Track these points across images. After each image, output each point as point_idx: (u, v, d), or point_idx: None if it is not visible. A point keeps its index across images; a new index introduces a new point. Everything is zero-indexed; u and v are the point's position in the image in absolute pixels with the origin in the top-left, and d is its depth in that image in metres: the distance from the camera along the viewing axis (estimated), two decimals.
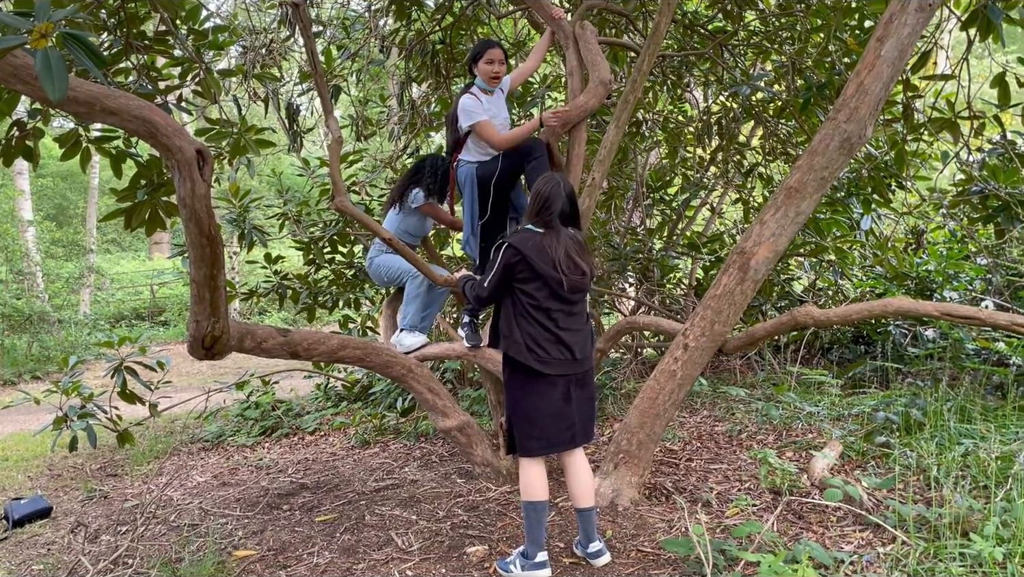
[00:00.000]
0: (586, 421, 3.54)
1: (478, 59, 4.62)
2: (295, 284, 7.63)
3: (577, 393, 3.48)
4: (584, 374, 3.51)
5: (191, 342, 3.60)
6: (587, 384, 3.55)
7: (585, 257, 3.47)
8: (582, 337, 3.47)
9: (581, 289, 3.45)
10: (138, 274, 22.38)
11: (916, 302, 3.57)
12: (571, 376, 3.44)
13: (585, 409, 3.53)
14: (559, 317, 3.41)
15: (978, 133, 5.09)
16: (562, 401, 3.43)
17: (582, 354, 3.45)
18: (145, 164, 4.25)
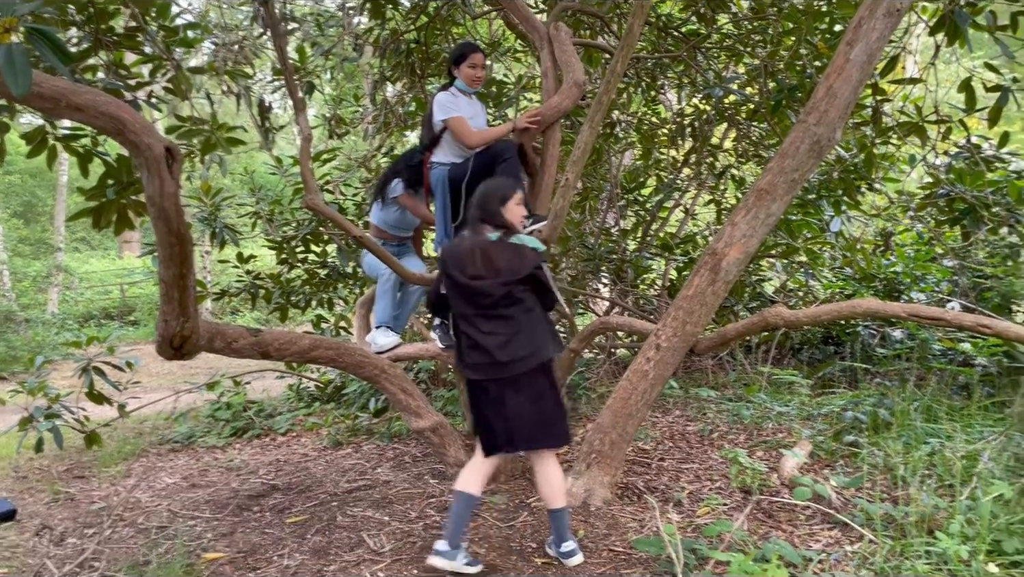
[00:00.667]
0: (528, 425, 3.40)
1: (461, 62, 4.62)
2: (267, 284, 7.56)
3: (512, 397, 3.38)
4: (516, 378, 3.38)
5: (160, 342, 3.56)
6: (522, 388, 3.40)
7: (500, 261, 3.39)
8: (505, 340, 3.36)
9: (487, 293, 3.38)
10: (108, 273, 22.08)
11: (884, 303, 3.62)
12: (501, 380, 3.39)
13: (525, 413, 3.39)
14: (478, 321, 3.42)
15: (945, 137, 5.17)
16: (493, 405, 3.42)
17: (508, 357, 3.35)
18: (114, 163, 4.19)
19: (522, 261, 3.40)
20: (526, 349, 3.36)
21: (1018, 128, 17.97)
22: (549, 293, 3.48)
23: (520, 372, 3.37)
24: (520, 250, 3.43)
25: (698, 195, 8.85)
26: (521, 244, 3.45)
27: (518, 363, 3.36)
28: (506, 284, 3.38)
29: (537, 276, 3.42)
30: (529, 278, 3.41)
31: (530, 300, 3.44)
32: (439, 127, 4.57)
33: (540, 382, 3.42)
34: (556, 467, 3.49)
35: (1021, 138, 16.01)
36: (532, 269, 3.40)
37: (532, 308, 3.43)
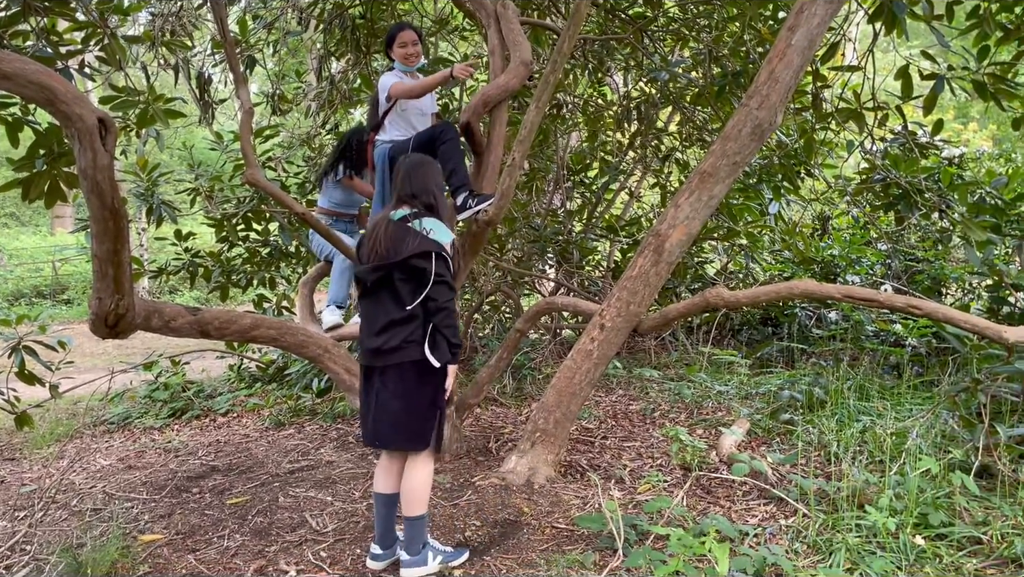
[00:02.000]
0: (387, 423, 3.17)
1: (392, 43, 4.60)
2: (207, 262, 7.40)
3: (380, 389, 3.18)
4: (385, 369, 3.16)
5: (93, 320, 3.46)
6: (388, 382, 3.16)
7: (385, 243, 3.14)
8: (379, 328, 3.15)
9: (371, 276, 3.17)
10: (39, 250, 21.29)
11: (820, 285, 3.72)
12: (374, 368, 3.20)
13: (388, 408, 3.16)
14: (363, 303, 3.27)
15: (882, 123, 5.30)
16: (366, 393, 3.28)
17: (375, 345, 3.14)
18: (44, 132, 4.04)
19: (410, 245, 3.10)
20: (395, 342, 3.11)
21: (951, 116, 18.56)
22: (433, 288, 3.09)
23: (388, 364, 3.14)
24: (415, 235, 3.13)
25: (643, 178, 8.94)
26: (419, 229, 3.14)
27: (386, 354, 3.13)
28: (377, 269, 3.15)
29: (414, 265, 3.10)
30: (408, 266, 3.11)
31: (406, 292, 3.13)
32: (384, 107, 4.54)
33: (409, 381, 3.14)
34: (424, 472, 3.22)
35: (954, 126, 16.54)
36: (412, 257, 3.09)
37: (406, 301, 3.13)
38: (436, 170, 3.38)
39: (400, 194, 3.30)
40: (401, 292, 3.13)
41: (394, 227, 3.18)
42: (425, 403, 3.17)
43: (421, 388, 3.16)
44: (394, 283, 3.13)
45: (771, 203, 6.76)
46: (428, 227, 3.17)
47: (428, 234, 3.13)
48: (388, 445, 3.22)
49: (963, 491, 3.54)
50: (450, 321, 3.13)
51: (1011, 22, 4.98)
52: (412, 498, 3.20)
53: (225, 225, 7.03)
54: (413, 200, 3.26)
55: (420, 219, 3.19)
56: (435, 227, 3.18)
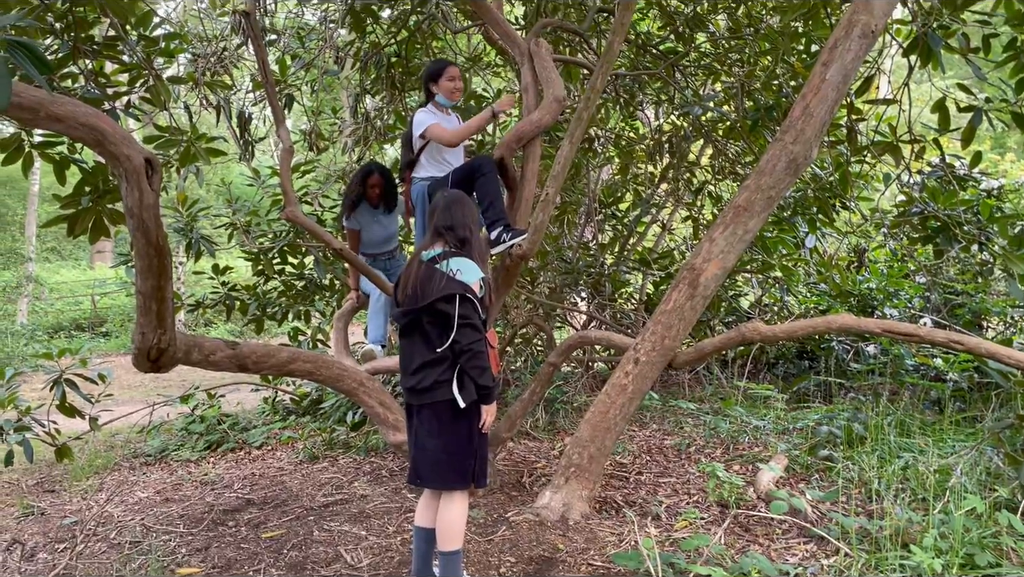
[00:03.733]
0: (423, 461, 3.23)
1: (439, 76, 4.63)
2: (243, 295, 7.51)
3: (417, 426, 3.26)
4: (420, 408, 3.22)
5: (136, 354, 3.52)
6: (424, 420, 3.22)
7: (414, 285, 3.19)
8: (413, 367, 3.21)
9: (397, 317, 3.25)
10: (78, 283, 21.74)
11: (859, 319, 3.67)
12: (413, 407, 3.28)
13: (424, 447, 3.22)
14: (401, 343, 3.34)
15: (919, 156, 5.26)
16: (408, 432, 3.37)
17: (411, 384, 3.22)
18: (90, 170, 4.15)
19: (435, 288, 3.12)
20: (427, 382, 3.17)
21: (987, 146, 18.34)
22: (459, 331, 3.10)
23: (423, 404, 3.20)
24: (442, 277, 3.14)
25: (675, 211, 8.93)
26: (451, 271, 3.16)
27: (420, 394, 3.19)
28: (407, 313, 3.20)
29: (440, 309, 3.12)
30: (434, 309, 3.14)
31: (434, 334, 3.16)
32: (419, 144, 4.58)
33: (444, 420, 3.18)
34: (459, 508, 3.24)
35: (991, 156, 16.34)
36: (438, 301, 3.11)
37: (435, 343, 3.16)
38: (472, 207, 3.43)
39: (436, 227, 3.34)
40: (430, 334, 3.17)
41: (424, 269, 3.22)
42: (461, 441, 3.19)
43: (455, 426, 3.18)
44: (424, 325, 3.18)
45: (807, 236, 6.70)
46: (455, 268, 3.18)
47: (455, 275, 3.15)
48: (427, 482, 3.26)
49: (1010, 531, 3.45)
50: (476, 363, 3.13)
51: None
52: (447, 533, 3.22)
53: (261, 259, 7.14)
54: (449, 233, 3.29)
55: (448, 259, 3.21)
56: (463, 267, 3.19)
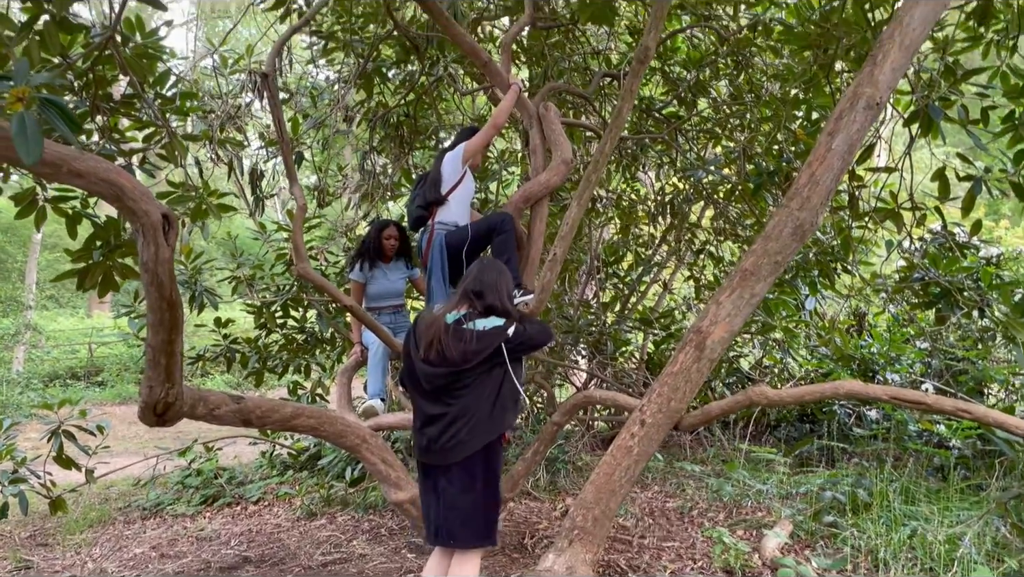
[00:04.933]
0: (454, 520, 3.22)
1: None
2: (244, 348, 7.50)
3: (445, 487, 3.25)
4: (450, 467, 3.23)
5: (143, 408, 3.50)
6: (455, 479, 3.23)
7: (452, 349, 3.20)
8: (444, 426, 3.22)
9: (432, 378, 3.24)
10: (76, 332, 21.68)
11: (866, 385, 3.68)
12: (438, 466, 3.26)
13: (454, 506, 3.22)
14: (423, 403, 3.31)
15: (919, 223, 5.34)
16: (428, 492, 3.33)
17: (444, 444, 3.20)
18: (103, 225, 4.19)
19: (479, 345, 3.20)
20: (464, 435, 3.19)
21: (982, 212, 18.56)
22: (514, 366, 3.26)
23: (453, 462, 3.22)
24: (473, 335, 3.22)
25: (676, 271, 8.99)
26: (479, 329, 3.25)
27: (450, 452, 3.21)
28: (452, 373, 3.22)
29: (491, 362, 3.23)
30: (480, 366, 3.22)
31: (483, 377, 3.24)
32: (451, 183, 4.60)
33: (476, 472, 3.23)
34: (475, 566, 3.25)
35: (986, 223, 16.54)
36: (485, 359, 3.20)
37: (484, 387, 3.24)
38: (509, 277, 3.49)
39: (466, 290, 3.37)
40: (476, 384, 3.21)
41: (455, 333, 3.24)
42: (492, 492, 3.25)
43: (486, 476, 3.23)
44: (462, 382, 3.21)
45: (807, 298, 6.74)
46: (483, 325, 3.25)
47: (486, 329, 3.23)
48: (461, 542, 3.23)
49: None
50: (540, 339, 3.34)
51: None
52: None
53: (264, 312, 7.16)
54: (477, 299, 3.33)
55: (475, 320, 3.27)
56: (487, 322, 3.27)
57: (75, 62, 3.80)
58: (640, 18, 7.24)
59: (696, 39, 7.25)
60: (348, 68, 6.79)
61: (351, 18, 6.20)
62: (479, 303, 3.32)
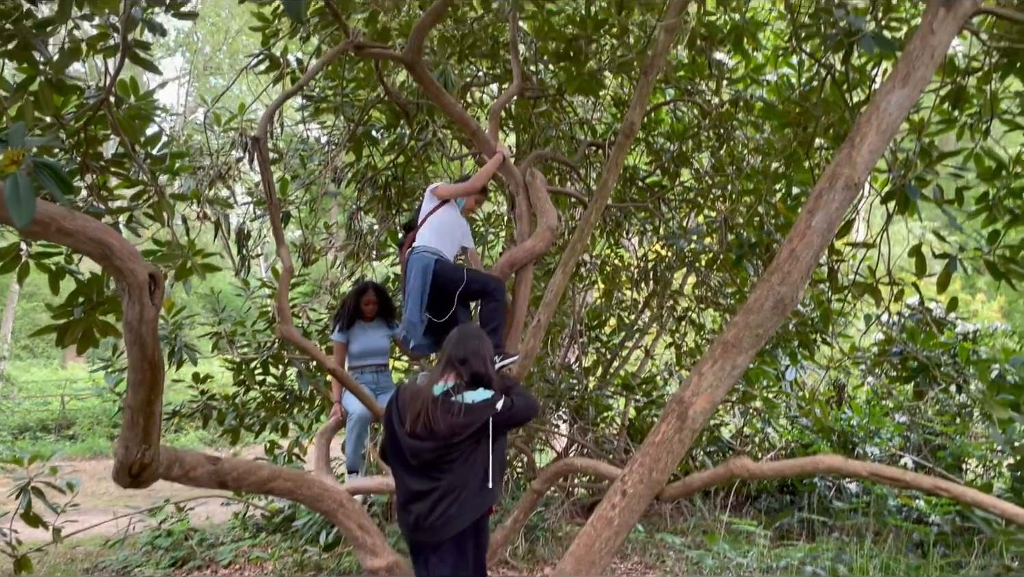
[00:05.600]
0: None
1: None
2: (221, 405, 7.42)
3: (435, 564, 3.19)
4: (440, 543, 3.16)
5: (118, 469, 3.45)
6: (446, 556, 3.16)
7: (440, 423, 3.12)
8: (433, 503, 3.14)
9: (418, 453, 3.16)
10: (49, 383, 21.32)
11: (846, 461, 3.69)
12: (427, 543, 3.19)
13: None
14: (409, 479, 3.22)
15: (897, 298, 5.43)
16: (418, 566, 3.27)
17: (433, 521, 3.13)
18: (85, 282, 4.18)
19: (468, 419, 3.13)
20: (454, 511, 3.14)
21: (958, 286, 18.87)
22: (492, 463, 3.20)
23: (446, 537, 3.16)
24: (461, 409, 3.15)
25: (658, 337, 9.03)
26: (467, 402, 3.19)
27: (439, 529, 3.14)
28: (440, 447, 3.15)
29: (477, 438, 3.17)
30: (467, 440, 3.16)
31: (471, 451, 3.17)
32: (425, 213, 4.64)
33: (466, 546, 3.20)
34: None
35: (962, 296, 16.79)
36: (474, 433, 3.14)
37: (472, 461, 3.17)
38: (489, 343, 3.44)
39: (450, 358, 3.33)
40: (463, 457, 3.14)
41: (443, 406, 3.16)
42: (481, 570, 3.22)
43: (476, 550, 3.20)
44: (450, 456, 3.13)
45: (787, 369, 6.79)
46: (471, 398, 3.20)
47: (475, 403, 3.17)
48: None
49: None
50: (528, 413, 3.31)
51: (1018, 207, 5.17)
52: None
53: (243, 369, 7.11)
54: (462, 366, 3.28)
55: (463, 392, 3.22)
56: (476, 395, 3.21)
57: (68, 122, 3.84)
58: (625, 89, 7.43)
59: (679, 112, 7.44)
60: (338, 130, 6.90)
61: (343, 82, 6.32)
62: (464, 370, 3.27)
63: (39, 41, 3.39)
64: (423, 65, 4.63)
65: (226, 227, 5.38)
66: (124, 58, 3.62)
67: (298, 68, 6.16)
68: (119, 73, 3.67)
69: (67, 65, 3.52)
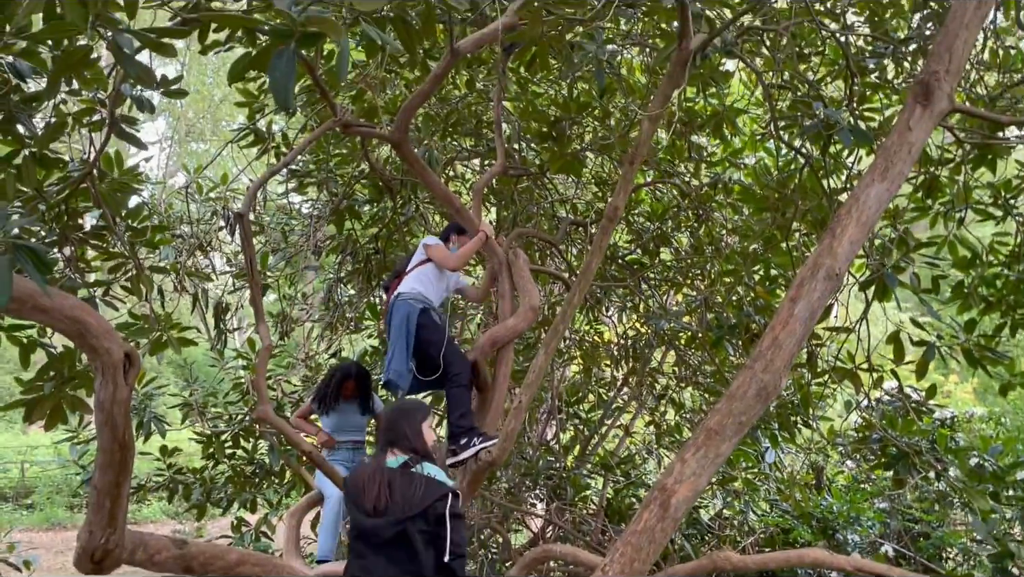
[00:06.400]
0: None
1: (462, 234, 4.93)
2: (188, 478, 7.21)
3: None
4: None
5: (79, 554, 3.32)
6: None
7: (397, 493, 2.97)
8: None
9: (377, 532, 2.97)
10: (8, 449, 20.67)
11: (831, 555, 3.64)
12: None
13: None
14: (374, 561, 2.99)
15: (877, 384, 5.45)
16: None
17: None
18: (57, 356, 4.09)
19: (424, 493, 2.97)
20: None
21: (932, 367, 18.99)
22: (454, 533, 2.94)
23: None
24: (422, 481, 3.02)
25: (637, 415, 8.97)
26: (428, 475, 3.05)
27: None
28: (399, 522, 2.95)
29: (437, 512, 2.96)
30: (429, 514, 2.96)
31: (421, 545, 2.94)
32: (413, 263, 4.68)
33: None
34: None
35: (936, 377, 16.92)
36: (435, 504, 2.96)
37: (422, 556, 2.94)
38: (417, 418, 3.26)
39: (386, 439, 3.23)
40: (417, 546, 2.93)
41: (402, 476, 3.05)
42: None
43: None
44: (408, 536, 2.94)
45: (767, 450, 6.75)
46: (431, 472, 3.09)
47: (436, 477, 3.06)
48: None
49: None
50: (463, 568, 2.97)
51: (992, 295, 5.26)
52: None
53: (213, 442, 6.93)
54: (401, 443, 3.16)
55: (422, 464, 3.11)
56: (436, 472, 3.10)
57: (51, 196, 3.81)
58: (606, 169, 7.54)
59: (659, 192, 7.55)
60: (321, 203, 6.92)
61: (328, 158, 6.36)
62: (403, 446, 3.15)
63: (25, 116, 3.37)
64: (409, 144, 4.68)
65: (204, 300, 5.32)
66: (111, 134, 3.62)
67: (283, 141, 6.21)
68: (104, 148, 3.66)
69: (52, 140, 3.51)
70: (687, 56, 4.05)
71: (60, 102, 3.71)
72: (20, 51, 2.91)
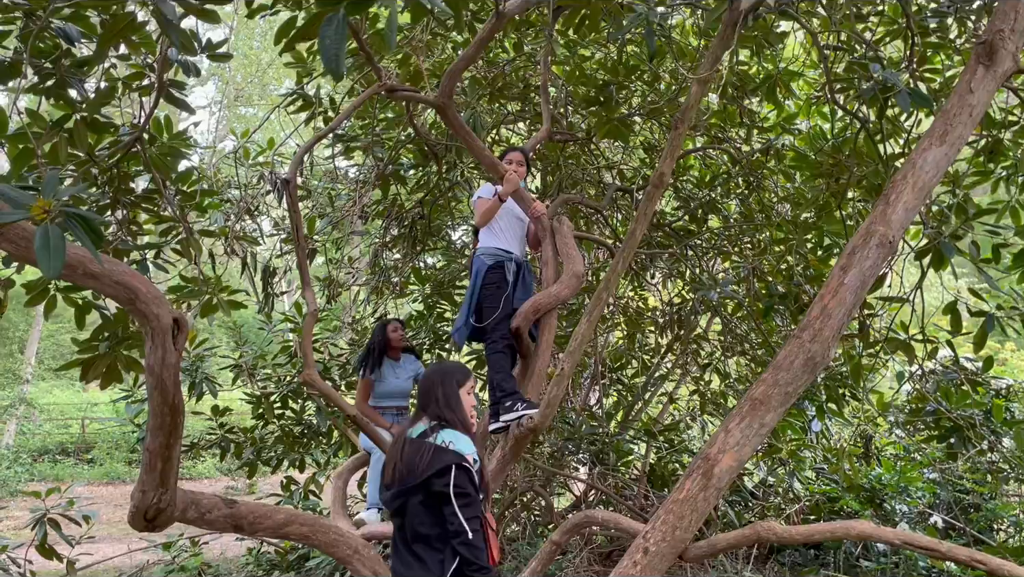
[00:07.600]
0: None
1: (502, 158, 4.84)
2: (239, 437, 7.39)
3: None
4: None
5: (133, 513, 3.42)
6: None
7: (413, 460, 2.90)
8: (406, 559, 2.91)
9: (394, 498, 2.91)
10: (70, 405, 21.43)
11: (878, 528, 3.58)
12: None
13: None
14: (396, 536, 3.00)
15: (931, 356, 5.31)
16: None
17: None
18: (111, 317, 4.19)
19: (429, 462, 2.85)
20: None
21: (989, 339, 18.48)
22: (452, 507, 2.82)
23: None
24: (429, 450, 2.89)
25: (680, 382, 8.91)
26: (438, 444, 2.93)
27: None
28: (398, 495, 2.90)
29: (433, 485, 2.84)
30: (427, 487, 2.85)
31: (427, 519, 2.87)
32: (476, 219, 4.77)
33: None
34: None
35: (992, 345, 16.47)
36: (432, 479, 2.84)
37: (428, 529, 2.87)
38: (451, 383, 3.16)
39: (419, 404, 3.19)
40: (424, 519, 2.88)
41: (412, 445, 2.99)
42: None
43: None
44: (415, 508, 2.89)
45: (812, 420, 6.65)
46: (447, 439, 2.96)
47: (448, 446, 2.93)
48: None
49: None
50: (470, 553, 2.80)
51: None
52: None
53: (263, 403, 7.08)
54: (424, 411, 3.11)
55: (439, 432, 3.00)
56: (455, 439, 2.98)
57: (102, 159, 3.87)
58: (655, 135, 7.41)
59: (709, 159, 7.40)
60: (367, 168, 6.93)
61: (373, 122, 6.35)
62: (427, 415, 3.09)
63: (76, 80, 3.42)
64: (454, 109, 4.63)
65: (252, 263, 5.40)
66: (159, 98, 3.65)
67: (330, 106, 6.21)
68: (153, 113, 3.70)
69: (103, 104, 3.55)
70: (738, 16, 3.93)
71: (110, 67, 3.74)
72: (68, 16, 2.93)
